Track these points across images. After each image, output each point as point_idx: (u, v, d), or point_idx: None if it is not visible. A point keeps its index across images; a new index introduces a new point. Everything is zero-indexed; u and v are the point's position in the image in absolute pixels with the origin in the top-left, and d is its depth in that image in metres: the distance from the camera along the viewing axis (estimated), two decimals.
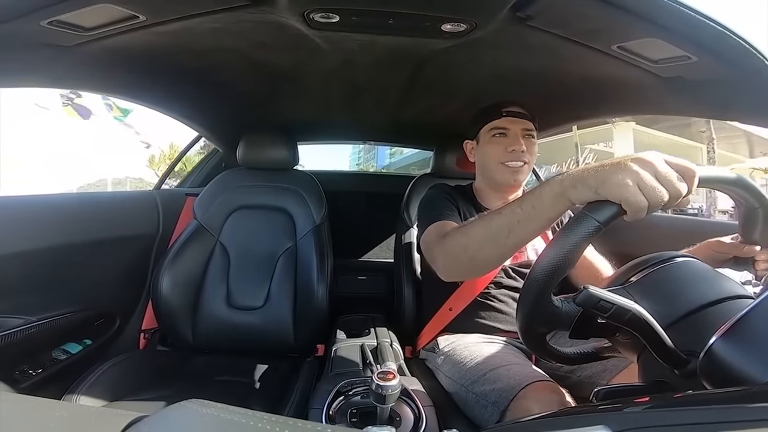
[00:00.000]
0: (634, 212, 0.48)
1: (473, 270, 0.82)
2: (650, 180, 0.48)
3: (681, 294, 0.52)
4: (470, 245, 0.74)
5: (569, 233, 0.48)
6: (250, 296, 1.40)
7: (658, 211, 0.50)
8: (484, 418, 0.86)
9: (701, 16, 0.66)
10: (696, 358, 0.44)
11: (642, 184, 0.47)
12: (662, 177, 0.48)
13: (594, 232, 0.48)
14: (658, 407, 0.39)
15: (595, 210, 0.49)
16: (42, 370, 1.08)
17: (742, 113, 0.94)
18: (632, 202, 0.47)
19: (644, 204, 0.47)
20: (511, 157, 1.11)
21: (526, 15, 0.78)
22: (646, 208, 0.48)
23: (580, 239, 0.48)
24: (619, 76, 0.99)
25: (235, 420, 0.28)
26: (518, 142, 1.10)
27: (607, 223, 0.48)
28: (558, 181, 0.57)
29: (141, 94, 1.28)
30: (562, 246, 0.48)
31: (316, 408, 0.86)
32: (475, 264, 0.75)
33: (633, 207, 0.47)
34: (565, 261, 0.48)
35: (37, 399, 0.32)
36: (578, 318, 0.51)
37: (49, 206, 1.21)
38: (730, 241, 0.67)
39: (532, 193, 0.62)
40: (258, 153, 1.50)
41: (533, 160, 1.15)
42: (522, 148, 1.10)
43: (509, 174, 1.12)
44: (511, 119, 1.12)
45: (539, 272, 0.49)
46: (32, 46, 0.81)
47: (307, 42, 0.94)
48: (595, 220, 0.48)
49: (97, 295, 1.27)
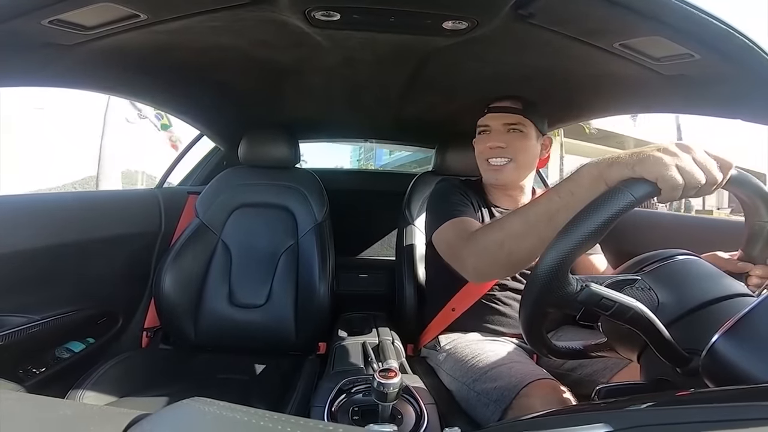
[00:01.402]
0: (669, 190, 0.47)
1: (510, 267, 0.76)
2: (689, 161, 0.48)
3: (683, 291, 0.52)
4: (507, 240, 0.69)
5: (604, 206, 0.47)
6: (251, 294, 1.40)
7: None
8: (485, 416, 0.86)
9: (704, 14, 0.66)
10: (698, 356, 0.44)
11: (680, 164, 0.47)
12: (701, 162, 0.48)
13: (628, 206, 0.47)
14: (660, 405, 0.39)
15: (632, 185, 0.48)
16: (45, 368, 1.09)
17: (745, 111, 0.93)
18: (669, 178, 0.47)
19: (680, 183, 0.47)
20: (492, 154, 1.08)
21: (527, 13, 0.77)
22: (682, 188, 0.47)
23: (614, 213, 0.47)
24: (621, 74, 0.98)
25: (238, 418, 0.28)
26: (497, 137, 1.07)
27: (642, 199, 0.48)
28: (594, 164, 0.56)
29: (142, 93, 1.28)
30: (595, 218, 0.47)
31: (318, 406, 0.86)
32: (512, 260, 0.70)
33: (669, 184, 0.47)
34: (594, 234, 0.47)
35: (41, 398, 0.32)
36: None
37: (51, 205, 1.21)
38: (728, 257, 0.67)
39: (570, 179, 0.60)
40: (259, 151, 1.50)
41: (524, 157, 1.08)
42: (499, 144, 1.06)
43: (491, 172, 1.10)
44: (493, 115, 1.09)
45: (566, 241, 0.47)
46: (33, 45, 0.81)
47: (308, 40, 0.94)
48: (631, 194, 0.47)
49: (99, 293, 1.27)
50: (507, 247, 0.69)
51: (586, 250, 0.48)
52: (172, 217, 1.54)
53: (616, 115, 1.34)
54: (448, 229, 0.96)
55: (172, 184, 1.88)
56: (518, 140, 1.07)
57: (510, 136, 1.07)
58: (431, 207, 1.11)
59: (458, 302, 1.15)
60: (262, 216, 1.47)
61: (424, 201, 1.50)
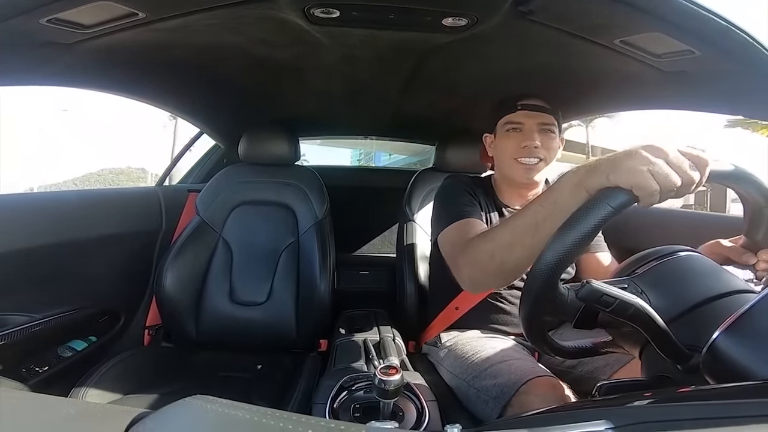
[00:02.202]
0: (646, 197, 0.47)
1: (502, 277, 0.76)
2: (662, 166, 0.47)
3: (684, 288, 0.52)
4: (497, 251, 0.70)
5: (583, 218, 0.48)
6: (252, 292, 1.40)
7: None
8: (485, 413, 0.86)
9: (704, 11, 0.66)
10: (699, 353, 0.44)
11: (654, 170, 0.47)
12: (674, 164, 0.48)
13: (607, 217, 0.47)
14: (661, 402, 0.39)
15: (609, 195, 0.48)
16: (48, 367, 1.09)
17: (745, 107, 0.94)
18: (643, 186, 0.47)
19: (655, 189, 0.47)
20: (524, 153, 1.05)
21: (527, 9, 0.77)
22: (658, 193, 0.47)
23: (594, 224, 0.47)
24: (622, 71, 0.98)
25: (239, 415, 0.28)
26: (532, 137, 1.04)
27: (620, 208, 0.48)
28: (573, 172, 0.57)
29: (141, 91, 1.28)
30: (575, 231, 0.47)
31: (319, 403, 0.86)
32: (504, 270, 0.71)
33: (644, 192, 0.47)
34: (576, 247, 0.47)
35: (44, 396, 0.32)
36: (583, 308, 0.51)
37: (52, 203, 1.21)
38: (730, 244, 0.66)
39: (552, 189, 0.61)
40: (259, 148, 1.50)
41: (551, 156, 1.07)
42: (535, 143, 1.03)
43: (522, 171, 1.06)
44: (527, 113, 1.06)
45: (549, 257, 0.48)
46: (32, 44, 0.81)
47: (308, 37, 0.94)
48: (609, 205, 0.47)
49: (101, 292, 1.28)
50: (498, 258, 0.70)
51: (573, 259, 0.49)
52: (172, 215, 1.54)
53: (617, 112, 1.33)
54: (452, 232, 0.96)
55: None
56: (550, 140, 1.06)
57: (543, 136, 1.05)
58: (438, 206, 1.09)
59: (462, 301, 1.14)
60: (262, 213, 1.47)
61: (424, 198, 1.49)
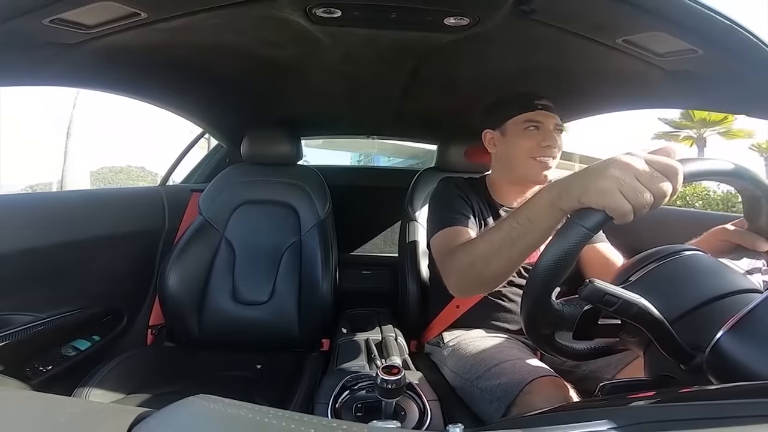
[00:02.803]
0: (619, 217, 0.47)
1: (484, 285, 0.80)
2: (631, 183, 0.47)
3: (687, 289, 0.51)
4: (476, 262, 0.73)
5: (561, 239, 0.50)
6: (255, 291, 1.40)
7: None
8: (489, 413, 0.86)
9: (707, 10, 0.65)
10: (702, 352, 0.44)
11: (624, 189, 0.47)
12: (644, 178, 0.47)
13: (583, 238, 0.49)
14: (664, 402, 0.39)
15: (583, 217, 0.50)
16: (52, 366, 1.09)
17: (749, 107, 0.93)
18: (615, 208, 0.47)
19: (628, 209, 0.47)
20: (544, 153, 1.05)
21: (529, 9, 0.77)
22: (631, 213, 0.47)
23: (571, 245, 0.49)
24: (624, 70, 0.98)
25: (242, 415, 0.28)
26: (552, 137, 1.05)
27: (595, 228, 0.49)
28: (547, 191, 0.58)
29: (143, 91, 1.28)
30: (555, 251, 0.49)
31: (321, 402, 0.86)
32: (484, 279, 0.74)
33: (617, 213, 0.47)
34: (560, 266, 0.49)
35: (48, 395, 0.32)
36: (580, 319, 0.52)
37: (55, 203, 1.22)
38: (734, 228, 0.66)
39: (527, 205, 0.62)
40: (262, 148, 1.50)
41: (559, 156, 1.09)
42: (551, 143, 1.05)
43: (539, 169, 1.06)
44: (545, 113, 1.07)
45: (537, 276, 0.51)
46: (34, 44, 0.81)
47: (309, 37, 0.94)
48: (583, 227, 0.49)
49: (104, 291, 1.28)
50: (477, 268, 0.74)
51: (561, 278, 0.51)
52: (175, 214, 1.55)
53: (620, 111, 1.33)
54: (441, 239, 0.99)
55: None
56: (561, 140, 1.08)
57: (557, 136, 1.07)
58: (431, 209, 1.11)
59: (462, 299, 1.14)
60: (265, 213, 1.47)
61: (426, 197, 1.49)
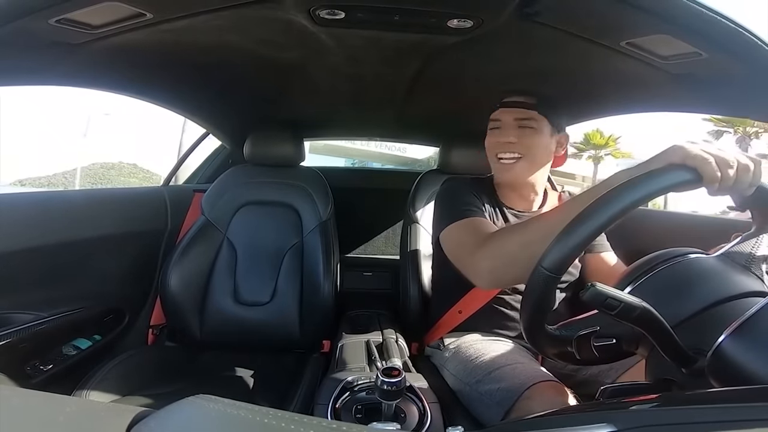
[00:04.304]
0: (710, 180, 0.51)
1: (526, 274, 0.76)
2: (721, 156, 0.52)
3: (689, 292, 0.51)
4: (532, 243, 0.68)
5: (653, 179, 0.49)
6: (256, 292, 1.41)
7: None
8: (488, 417, 0.85)
9: (712, 12, 0.65)
10: (704, 356, 0.43)
11: (717, 159, 0.51)
12: (730, 157, 0.53)
13: (672, 186, 0.50)
14: (665, 406, 0.39)
15: (675, 169, 0.51)
16: (52, 365, 1.09)
17: (753, 110, 0.93)
18: (708, 171, 0.51)
19: (718, 175, 0.51)
20: (502, 149, 1.04)
21: (533, 11, 0.77)
22: (719, 180, 0.51)
23: (659, 188, 0.49)
24: (628, 73, 0.98)
25: (242, 415, 0.28)
26: (506, 133, 1.03)
27: (682, 185, 0.51)
28: (625, 171, 0.61)
29: (147, 92, 1.29)
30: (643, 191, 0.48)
31: (321, 404, 0.86)
32: (531, 267, 0.70)
33: (708, 175, 0.51)
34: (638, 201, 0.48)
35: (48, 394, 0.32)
36: (575, 343, 0.53)
37: (58, 202, 1.22)
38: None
39: (604, 185, 0.64)
40: (265, 149, 1.50)
41: (534, 153, 1.04)
42: (509, 139, 1.02)
43: (502, 170, 1.06)
44: (504, 109, 1.06)
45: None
46: (41, 44, 0.82)
47: (313, 38, 0.94)
48: (675, 177, 0.50)
49: (106, 291, 1.28)
50: (530, 249, 0.66)
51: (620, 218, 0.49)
52: (178, 214, 1.55)
53: (624, 114, 1.32)
54: (458, 229, 0.95)
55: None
56: (529, 136, 1.03)
57: (521, 132, 1.03)
58: (440, 206, 1.09)
59: (465, 305, 1.12)
60: (267, 214, 1.47)
61: (428, 199, 1.49)
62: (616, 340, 0.53)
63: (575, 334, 0.53)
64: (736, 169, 0.52)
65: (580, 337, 0.53)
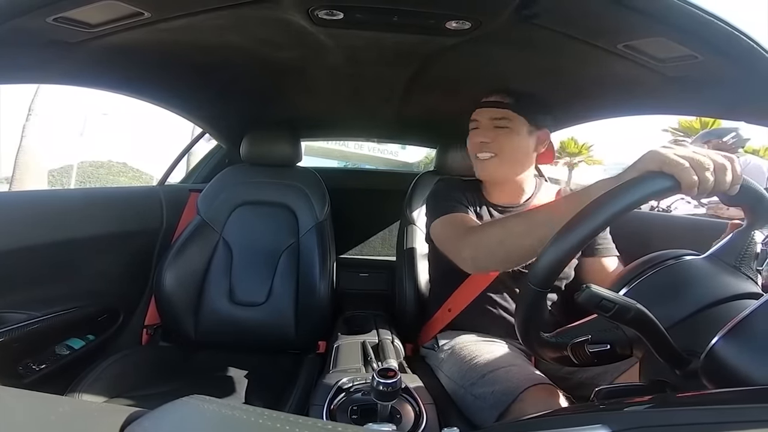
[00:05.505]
0: (688, 186, 0.51)
1: (505, 263, 0.85)
2: (697, 158, 0.52)
3: (683, 295, 0.52)
4: (507, 239, 0.78)
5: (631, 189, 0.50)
6: (252, 292, 1.40)
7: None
8: (482, 419, 0.86)
9: (708, 15, 0.66)
10: (697, 358, 0.44)
11: (693, 163, 0.52)
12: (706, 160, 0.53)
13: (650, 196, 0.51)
14: (659, 407, 0.39)
15: (653, 178, 0.52)
16: (45, 365, 1.09)
17: (749, 113, 0.93)
18: (685, 177, 0.51)
19: (695, 180, 0.51)
20: (478, 149, 1.09)
21: (531, 13, 0.77)
22: (697, 184, 0.52)
23: (637, 199, 0.50)
24: (624, 75, 0.98)
25: (236, 416, 0.28)
26: (482, 133, 1.08)
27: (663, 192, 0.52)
28: (607, 180, 0.62)
29: (145, 91, 1.28)
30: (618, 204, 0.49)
31: (317, 404, 0.86)
32: (509, 257, 0.80)
33: (686, 181, 0.51)
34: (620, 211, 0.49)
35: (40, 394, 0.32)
36: (570, 349, 0.54)
37: (52, 201, 1.21)
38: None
39: (585, 192, 0.67)
40: (261, 149, 1.50)
41: (508, 152, 1.07)
42: (483, 139, 1.07)
43: (479, 168, 1.11)
44: (481, 110, 1.10)
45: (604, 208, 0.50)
46: (38, 43, 0.81)
47: (311, 39, 0.94)
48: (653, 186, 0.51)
49: (100, 290, 1.28)
50: (506, 245, 0.78)
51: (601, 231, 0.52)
52: (173, 214, 1.54)
53: (620, 116, 1.33)
54: (445, 223, 1.02)
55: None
56: (503, 135, 1.06)
57: (495, 132, 1.06)
58: (430, 204, 1.14)
59: (454, 303, 1.14)
60: (263, 214, 1.47)
61: (425, 200, 1.49)
62: (610, 346, 0.54)
63: (569, 342, 0.54)
64: (713, 170, 0.52)
65: (574, 343, 0.54)
